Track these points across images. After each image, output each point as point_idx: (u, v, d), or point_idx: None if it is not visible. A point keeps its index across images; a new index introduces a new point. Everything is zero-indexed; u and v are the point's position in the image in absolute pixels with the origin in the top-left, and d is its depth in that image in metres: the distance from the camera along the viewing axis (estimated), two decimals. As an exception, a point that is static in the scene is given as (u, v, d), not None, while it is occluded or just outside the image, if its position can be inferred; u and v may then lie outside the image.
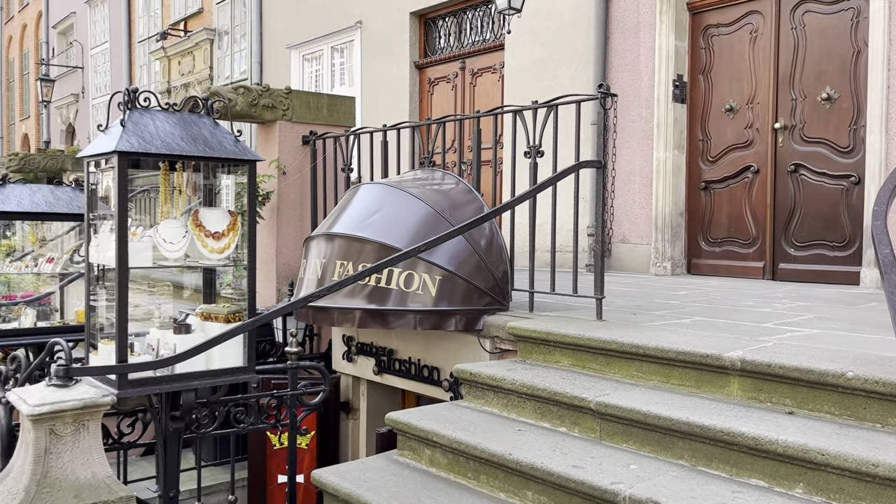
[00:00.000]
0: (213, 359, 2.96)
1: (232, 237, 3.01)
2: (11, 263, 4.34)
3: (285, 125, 5.37)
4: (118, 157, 2.70)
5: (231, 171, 3.27)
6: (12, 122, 24.56)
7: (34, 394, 2.46)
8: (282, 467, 4.55)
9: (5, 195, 4.12)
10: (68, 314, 4.62)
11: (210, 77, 12.93)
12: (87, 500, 2.45)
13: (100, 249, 2.88)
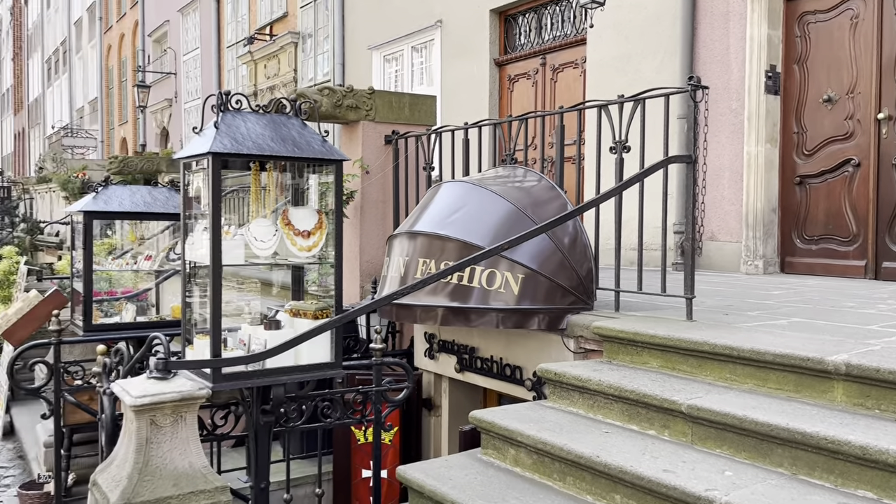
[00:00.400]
0: (302, 354, 3.03)
1: (320, 235, 3.07)
2: (113, 261, 4.56)
3: (368, 125, 5.44)
4: (212, 157, 2.79)
5: (317, 170, 3.34)
6: (112, 126, 25.91)
7: (136, 386, 2.57)
8: (366, 462, 4.62)
9: (108, 196, 4.33)
10: (164, 309, 4.83)
11: (294, 79, 13.27)
12: (185, 489, 2.54)
13: (195, 247, 2.99)
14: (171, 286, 5.26)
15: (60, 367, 4.06)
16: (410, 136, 5.35)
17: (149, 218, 4.55)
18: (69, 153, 22.57)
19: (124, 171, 10.70)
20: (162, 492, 2.50)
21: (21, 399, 6.11)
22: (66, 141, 25.42)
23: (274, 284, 5.48)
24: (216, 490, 2.59)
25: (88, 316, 4.20)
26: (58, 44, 32.18)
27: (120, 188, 4.47)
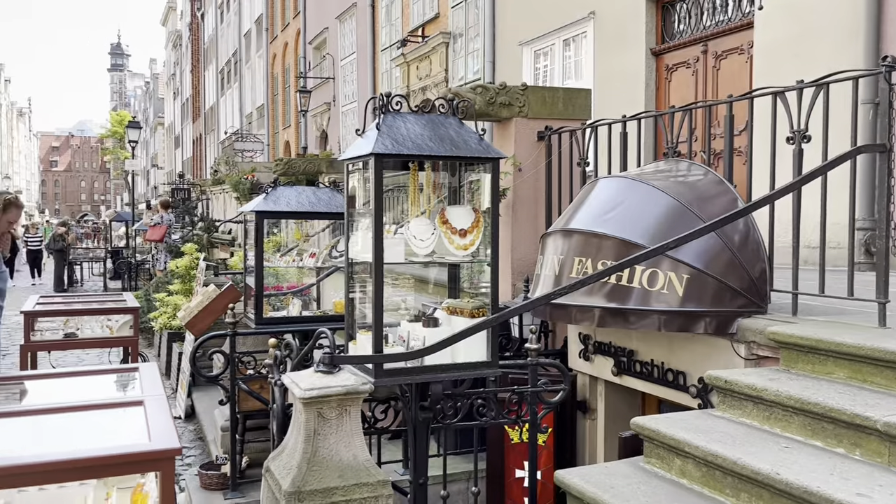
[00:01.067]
0: (459, 352, 3.04)
1: (476, 234, 3.06)
2: (281, 258, 4.83)
3: (521, 121, 5.39)
4: (374, 158, 2.86)
5: (473, 168, 3.34)
6: (276, 130, 27.65)
7: (304, 378, 2.69)
8: (519, 462, 4.58)
9: (276, 196, 4.59)
10: (324, 304, 5.05)
11: (445, 79, 13.49)
12: (350, 481, 2.62)
13: (358, 246, 3.08)
14: (332, 282, 5.50)
15: (235, 356, 4.35)
16: (564, 131, 5.24)
17: (313, 217, 4.77)
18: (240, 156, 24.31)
19: (288, 172, 11.33)
20: (328, 482, 2.59)
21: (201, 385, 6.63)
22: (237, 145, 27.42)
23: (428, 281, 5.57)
24: (378, 483, 2.65)
25: (260, 309, 4.47)
26: (229, 55, 34.79)
27: (287, 189, 4.71)
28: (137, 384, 2.37)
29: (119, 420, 2.09)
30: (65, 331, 5.09)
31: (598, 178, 4.47)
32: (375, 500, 2.63)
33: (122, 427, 2.06)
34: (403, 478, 3.91)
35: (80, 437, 2.04)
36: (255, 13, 29.20)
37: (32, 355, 4.88)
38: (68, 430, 2.07)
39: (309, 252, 4.86)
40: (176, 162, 54.81)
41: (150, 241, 15.05)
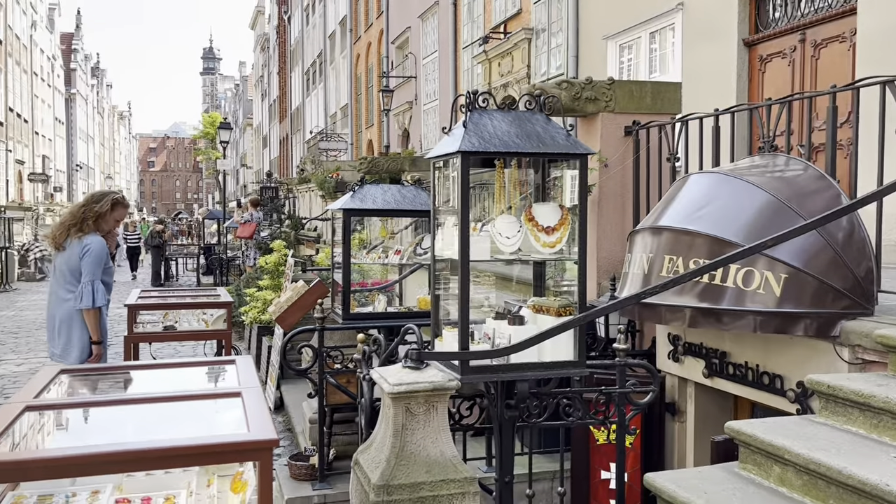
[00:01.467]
0: (545, 351, 3.01)
1: (563, 231, 3.02)
2: (367, 255, 4.91)
3: (607, 117, 5.29)
4: (461, 156, 2.86)
5: (559, 165, 3.31)
6: (360, 129, 28.15)
7: (392, 374, 2.72)
8: (605, 463, 4.50)
9: (363, 195, 4.67)
10: (407, 300, 5.10)
11: (527, 75, 13.40)
12: (437, 477, 2.64)
13: (444, 243, 3.10)
14: (416, 279, 5.55)
15: (323, 351, 4.45)
16: (653, 125, 5.11)
17: (398, 215, 4.83)
18: (324, 155, 24.90)
19: (372, 170, 11.52)
20: (416, 477, 2.61)
21: (289, 378, 6.83)
22: (322, 144, 28.09)
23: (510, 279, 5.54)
24: (465, 480, 2.66)
25: (347, 305, 4.56)
26: (315, 56, 35.66)
27: (373, 187, 4.79)
28: (234, 376, 2.46)
29: (219, 410, 2.18)
30: (164, 323, 5.34)
31: (689, 174, 4.33)
32: (462, 497, 2.64)
33: (221, 417, 2.14)
34: (487, 475, 3.91)
35: (184, 425, 2.13)
36: (340, 14, 29.80)
37: (134, 346, 5.13)
38: (172, 419, 2.17)
39: (394, 249, 4.92)
40: (263, 161, 56.64)
41: (240, 238, 15.61)
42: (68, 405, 2.15)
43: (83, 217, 4.85)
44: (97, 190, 5.04)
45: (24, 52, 42.61)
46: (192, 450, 1.76)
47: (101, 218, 4.89)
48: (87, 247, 4.81)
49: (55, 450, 1.87)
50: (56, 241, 4.87)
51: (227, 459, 1.80)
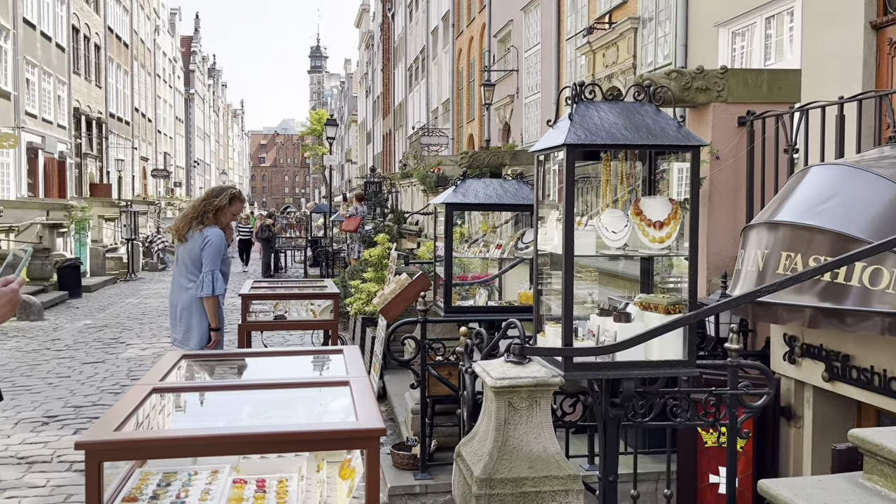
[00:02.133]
0: (653, 349, 2.93)
1: (673, 226, 2.92)
2: (469, 249, 4.93)
3: (719, 107, 5.07)
4: (566, 149, 2.82)
5: (668, 158, 3.20)
6: (461, 124, 28.31)
7: (495, 368, 2.72)
8: (713, 467, 4.34)
9: (465, 189, 4.69)
10: (507, 294, 5.08)
11: (633, 66, 13.05)
12: (540, 473, 2.62)
13: (547, 237, 3.07)
14: (516, 273, 5.53)
15: (426, 343, 4.51)
16: (769, 116, 4.85)
17: (500, 209, 4.82)
18: (426, 151, 25.19)
19: (473, 165, 11.55)
20: (518, 472, 2.61)
21: (392, 368, 6.96)
22: (423, 139, 28.42)
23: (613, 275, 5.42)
24: (568, 478, 2.63)
25: (449, 298, 4.60)
26: (417, 52, 36.11)
27: (475, 181, 4.80)
28: (342, 365, 2.53)
29: (328, 398, 2.24)
30: (275, 313, 5.56)
31: (809, 166, 4.10)
32: (566, 495, 2.61)
33: (331, 405, 2.21)
34: (588, 473, 3.85)
35: (295, 411, 2.21)
36: (442, 10, 30.03)
37: (247, 334, 5.37)
38: (285, 404, 2.25)
39: (495, 243, 4.91)
40: (367, 157, 58.00)
41: (345, 232, 16.04)
42: (190, 388, 2.28)
43: (204, 210, 5.13)
44: (216, 185, 5.32)
45: (148, 55, 45.44)
46: (304, 436, 1.83)
47: (220, 211, 5.16)
48: (207, 238, 5.07)
49: (178, 430, 1.98)
50: (179, 233, 5.16)
51: (336, 446, 1.85)
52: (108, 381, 7.85)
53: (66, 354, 9.04)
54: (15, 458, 5.21)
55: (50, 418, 6.13)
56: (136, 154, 40.47)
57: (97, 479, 1.70)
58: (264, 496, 1.94)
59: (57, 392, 7.02)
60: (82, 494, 4.67)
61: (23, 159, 24.45)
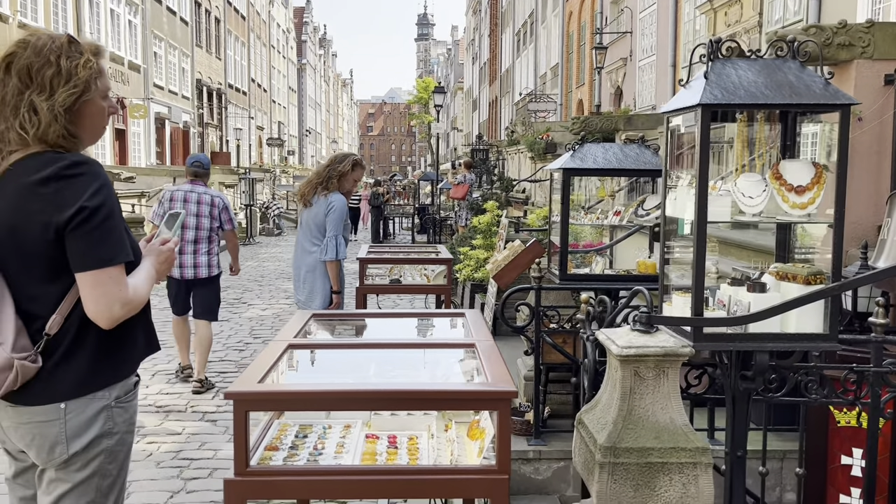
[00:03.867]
0: (789, 322, 2.77)
1: (816, 191, 2.74)
2: (586, 216, 4.82)
3: (863, 64, 4.69)
4: (701, 110, 2.68)
5: (810, 118, 2.99)
6: (570, 89, 27.71)
7: (621, 336, 2.66)
8: (845, 447, 4.11)
9: (583, 154, 4.58)
10: (623, 264, 4.93)
11: (758, 24, 12.30)
12: (666, 444, 2.55)
13: (677, 203, 2.94)
14: (633, 241, 5.36)
15: (540, 310, 4.47)
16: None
17: (620, 174, 4.68)
18: (533, 117, 24.86)
19: (585, 130, 11.30)
20: (644, 442, 2.55)
21: (501, 335, 6.98)
22: (531, 106, 28.05)
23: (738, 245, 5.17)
24: (697, 450, 2.55)
25: (564, 265, 4.53)
26: (525, 17, 35.49)
27: (594, 146, 4.67)
28: (466, 328, 2.54)
29: (455, 359, 2.26)
30: (390, 277, 5.68)
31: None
32: (693, 467, 2.53)
33: (458, 366, 2.23)
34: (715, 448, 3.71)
35: (424, 370, 2.24)
36: (552, -28, 29.33)
37: (362, 297, 5.52)
38: (413, 364, 2.29)
39: (613, 210, 4.79)
40: (473, 124, 57.93)
41: (453, 199, 16.14)
42: (323, 345, 2.36)
43: (328, 176, 5.31)
44: (340, 152, 5.50)
45: (263, 27, 46.99)
46: (440, 395, 1.85)
47: (343, 177, 5.34)
48: (331, 204, 5.27)
49: (320, 385, 2.05)
50: (305, 198, 5.36)
51: (469, 406, 1.87)
52: (232, 339, 8.29)
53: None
54: (154, 406, 5.62)
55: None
56: (252, 123, 42.17)
57: (244, 426, 1.78)
58: (396, 451, 1.99)
59: (189, 349, 7.49)
60: (215, 442, 4.99)
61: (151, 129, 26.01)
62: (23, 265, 1.85)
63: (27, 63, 1.84)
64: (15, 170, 1.86)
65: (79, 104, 1.88)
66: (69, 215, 1.81)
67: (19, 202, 1.84)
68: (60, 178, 1.83)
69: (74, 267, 1.84)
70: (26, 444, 1.88)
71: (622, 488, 2.54)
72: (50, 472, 1.87)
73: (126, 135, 23.89)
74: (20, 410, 1.85)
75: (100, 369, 1.90)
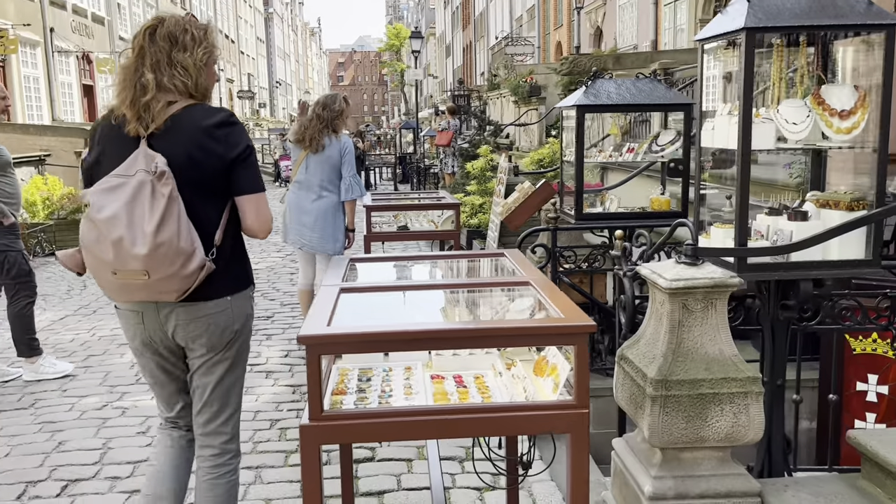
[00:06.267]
0: (831, 249, 2.76)
1: (861, 115, 2.69)
2: (600, 154, 4.76)
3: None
4: (746, 33, 2.60)
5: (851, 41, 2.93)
6: (548, 31, 27.29)
7: (668, 269, 2.62)
8: (861, 374, 4.18)
9: (596, 90, 4.48)
10: (637, 202, 4.88)
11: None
12: (717, 375, 2.55)
13: (716, 132, 2.89)
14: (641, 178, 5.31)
15: (557, 251, 4.44)
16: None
17: (637, 109, 4.61)
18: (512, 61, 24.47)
19: (574, 71, 11.13)
20: (695, 374, 2.54)
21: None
22: (508, 49, 27.59)
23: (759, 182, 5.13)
24: (748, 380, 2.55)
25: (580, 205, 4.48)
26: (499, -42, 34.63)
27: (606, 82, 4.58)
28: (512, 266, 2.49)
29: (513, 296, 2.21)
30: (398, 224, 5.60)
31: None
32: (745, 397, 2.53)
33: (517, 303, 2.18)
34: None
35: (484, 309, 2.19)
36: None
37: (368, 245, 5.44)
38: (471, 303, 2.24)
39: (626, 147, 4.72)
40: (447, 71, 57.02)
41: (438, 146, 15.95)
42: (376, 288, 2.29)
43: (331, 118, 5.22)
44: (324, 94, 5.38)
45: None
46: (519, 331, 1.81)
47: (342, 116, 5.27)
48: (345, 145, 5.30)
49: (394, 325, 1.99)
50: (315, 143, 5.20)
51: (547, 342, 1.83)
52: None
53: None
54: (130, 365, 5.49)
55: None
56: (222, 76, 41.14)
57: (318, 371, 1.73)
58: (467, 390, 1.95)
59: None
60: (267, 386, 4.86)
61: (119, 84, 25.13)
62: (197, 190, 2.29)
63: (169, 30, 2.36)
64: (185, 115, 2.32)
65: (208, 61, 2.40)
66: (238, 152, 2.34)
67: (199, 140, 2.30)
68: (229, 125, 2.36)
69: (241, 191, 2.37)
70: (199, 333, 2.37)
71: (674, 420, 2.54)
72: (212, 357, 2.41)
73: (94, 90, 23.13)
74: (199, 306, 2.34)
75: (245, 272, 2.49)
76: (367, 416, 1.78)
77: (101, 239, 2.20)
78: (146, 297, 2.29)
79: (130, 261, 2.17)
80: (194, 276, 2.22)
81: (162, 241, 2.16)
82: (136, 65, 2.33)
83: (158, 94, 2.30)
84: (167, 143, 2.28)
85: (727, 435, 2.56)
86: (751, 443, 2.64)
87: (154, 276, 2.19)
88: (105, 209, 2.18)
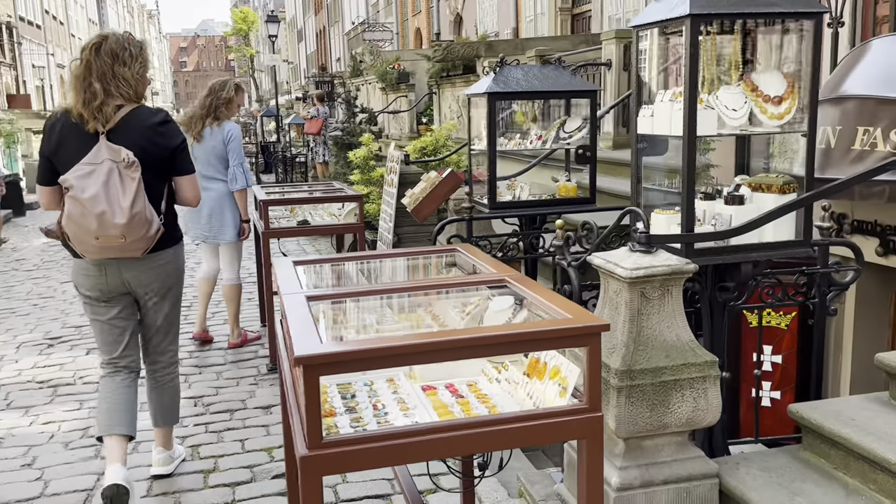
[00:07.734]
0: (766, 231, 2.86)
1: (792, 101, 2.79)
2: (509, 141, 4.71)
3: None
4: (690, 20, 2.61)
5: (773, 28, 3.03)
6: (405, 17, 27.17)
7: (625, 258, 2.60)
8: (755, 345, 4.45)
9: (504, 77, 4.42)
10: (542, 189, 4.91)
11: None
12: (677, 361, 2.56)
13: (655, 119, 2.90)
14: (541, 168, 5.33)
15: (474, 240, 4.37)
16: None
17: (549, 97, 4.59)
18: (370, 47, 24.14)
19: (447, 58, 11.10)
20: (656, 362, 2.54)
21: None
22: (366, 35, 27.23)
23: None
24: (705, 364, 2.58)
25: (493, 194, 4.42)
26: (352, -58, 34.04)
27: (513, 69, 4.53)
28: (472, 262, 2.36)
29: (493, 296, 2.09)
30: (297, 219, 5.29)
31: (870, 39, 4.00)
32: (703, 381, 2.56)
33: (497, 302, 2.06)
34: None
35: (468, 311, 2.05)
36: None
37: (266, 242, 5.11)
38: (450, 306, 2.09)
39: (535, 134, 4.71)
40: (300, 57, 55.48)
41: (307, 134, 15.43)
42: (344, 295, 2.08)
43: (214, 106, 4.95)
44: (215, 80, 5.05)
45: (54, -50, 41.55)
46: (530, 336, 1.69)
47: (230, 103, 5.01)
48: (230, 132, 5.04)
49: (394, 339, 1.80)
50: (197, 134, 4.94)
51: (560, 345, 1.72)
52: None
53: (40, 274, 8.54)
54: (34, 382, 4.90)
55: (53, 339, 5.79)
56: (52, 60, 37.70)
57: (316, 394, 1.53)
58: (466, 401, 1.81)
59: (48, 313, 6.63)
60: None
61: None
62: (149, 173, 3.00)
63: (111, 48, 3.00)
64: (133, 116, 3.03)
65: (143, 73, 3.09)
66: (178, 143, 3.14)
67: (147, 135, 3.03)
68: (168, 123, 3.13)
69: (180, 172, 3.17)
70: (152, 279, 3.18)
71: (639, 409, 2.53)
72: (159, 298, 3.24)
73: None
74: (154, 256, 3.13)
75: (178, 231, 3.30)
76: (370, 439, 1.60)
77: (85, 213, 2.85)
78: (119, 254, 3.00)
79: (111, 228, 2.87)
80: (154, 237, 3.01)
81: (136, 213, 2.89)
82: (85, 74, 2.95)
83: (107, 99, 2.94)
84: (123, 137, 2.95)
85: (688, 420, 2.59)
86: (709, 425, 2.69)
87: (129, 239, 2.92)
88: (87, 190, 2.83)
